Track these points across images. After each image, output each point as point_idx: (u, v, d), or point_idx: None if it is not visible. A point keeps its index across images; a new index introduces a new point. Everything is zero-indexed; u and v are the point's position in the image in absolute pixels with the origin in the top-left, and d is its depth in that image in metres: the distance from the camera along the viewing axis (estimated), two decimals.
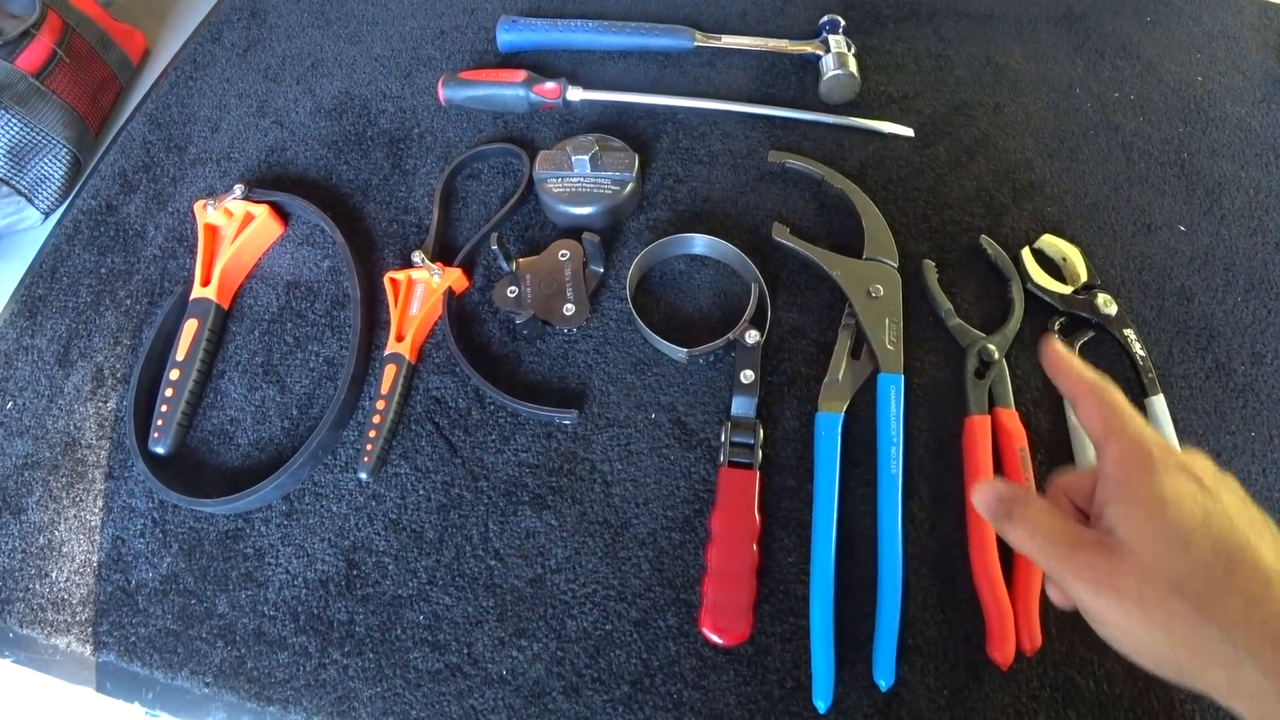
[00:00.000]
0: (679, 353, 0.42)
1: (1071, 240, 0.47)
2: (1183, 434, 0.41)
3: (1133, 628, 0.26)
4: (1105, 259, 0.47)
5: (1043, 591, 0.37)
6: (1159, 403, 0.42)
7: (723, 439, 0.40)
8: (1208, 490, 0.26)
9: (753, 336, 0.42)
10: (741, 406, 0.41)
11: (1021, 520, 0.29)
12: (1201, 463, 0.28)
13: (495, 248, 0.44)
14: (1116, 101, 0.54)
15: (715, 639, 0.36)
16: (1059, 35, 0.58)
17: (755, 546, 0.37)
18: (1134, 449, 0.27)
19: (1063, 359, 0.31)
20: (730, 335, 0.42)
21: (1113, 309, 0.44)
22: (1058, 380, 0.32)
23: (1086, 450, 0.40)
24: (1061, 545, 0.27)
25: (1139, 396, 0.42)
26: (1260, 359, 0.44)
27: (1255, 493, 0.40)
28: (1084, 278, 0.45)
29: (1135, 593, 0.25)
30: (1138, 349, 0.43)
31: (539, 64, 0.56)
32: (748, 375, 0.41)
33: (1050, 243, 0.47)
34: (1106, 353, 0.44)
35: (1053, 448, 0.41)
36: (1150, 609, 0.25)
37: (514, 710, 0.36)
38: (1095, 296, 0.44)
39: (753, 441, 0.40)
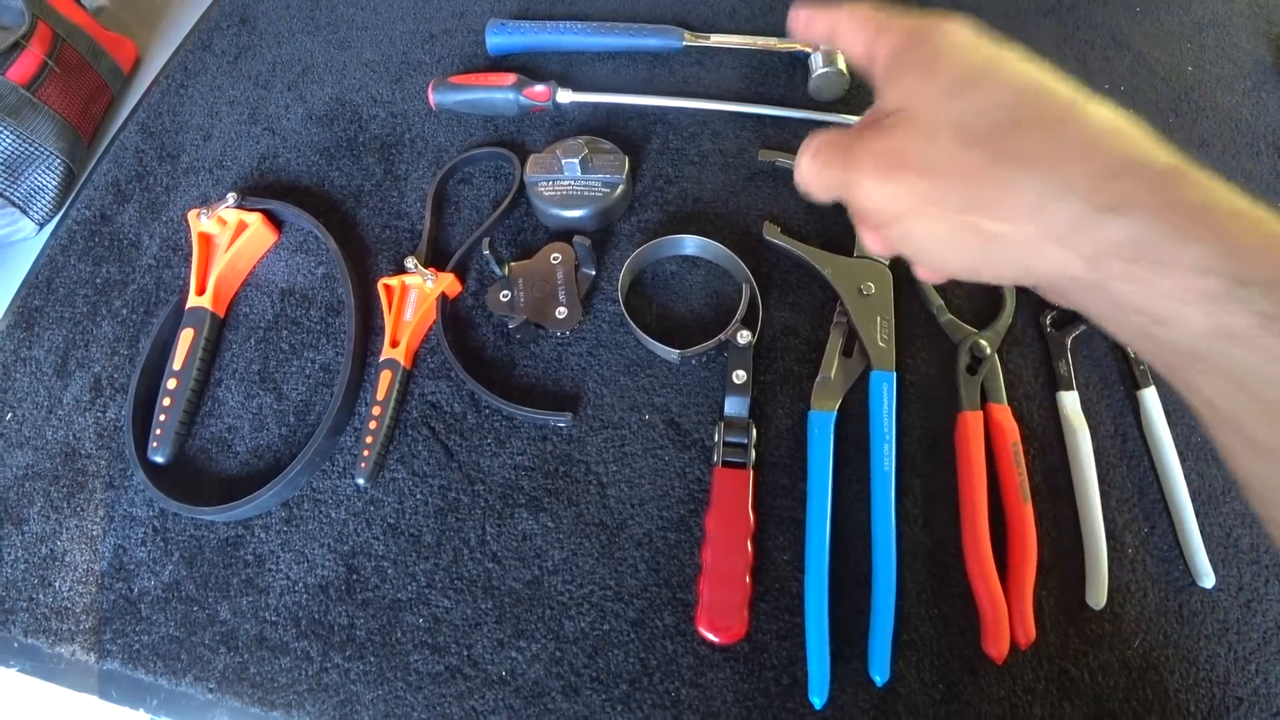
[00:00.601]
0: (671, 354, 0.43)
1: None
2: (1175, 426, 0.41)
3: (927, 206, 0.22)
4: None
5: (1036, 586, 0.37)
6: (1151, 395, 0.42)
7: (716, 439, 0.40)
8: (993, 41, 0.23)
9: (744, 336, 0.42)
10: (734, 406, 0.41)
11: (804, 151, 0.26)
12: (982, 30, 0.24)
13: (487, 252, 0.44)
14: (1106, 92, 0.54)
15: (711, 637, 0.37)
16: (1048, 27, 0.58)
17: (750, 545, 0.38)
18: (902, 29, 0.24)
19: (808, 10, 0.27)
20: (722, 336, 0.42)
21: None
22: (811, 33, 0.28)
23: (1079, 443, 0.40)
24: (841, 149, 0.24)
25: (1131, 389, 0.42)
26: None
27: None
28: None
29: (921, 159, 0.22)
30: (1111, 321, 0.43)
31: (529, 67, 0.56)
32: (740, 375, 0.41)
33: None
34: (1099, 346, 0.44)
35: (1046, 442, 0.41)
36: (940, 172, 0.21)
37: (514, 710, 0.37)
38: None
39: (746, 441, 0.40)
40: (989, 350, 0.42)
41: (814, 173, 0.26)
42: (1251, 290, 0.19)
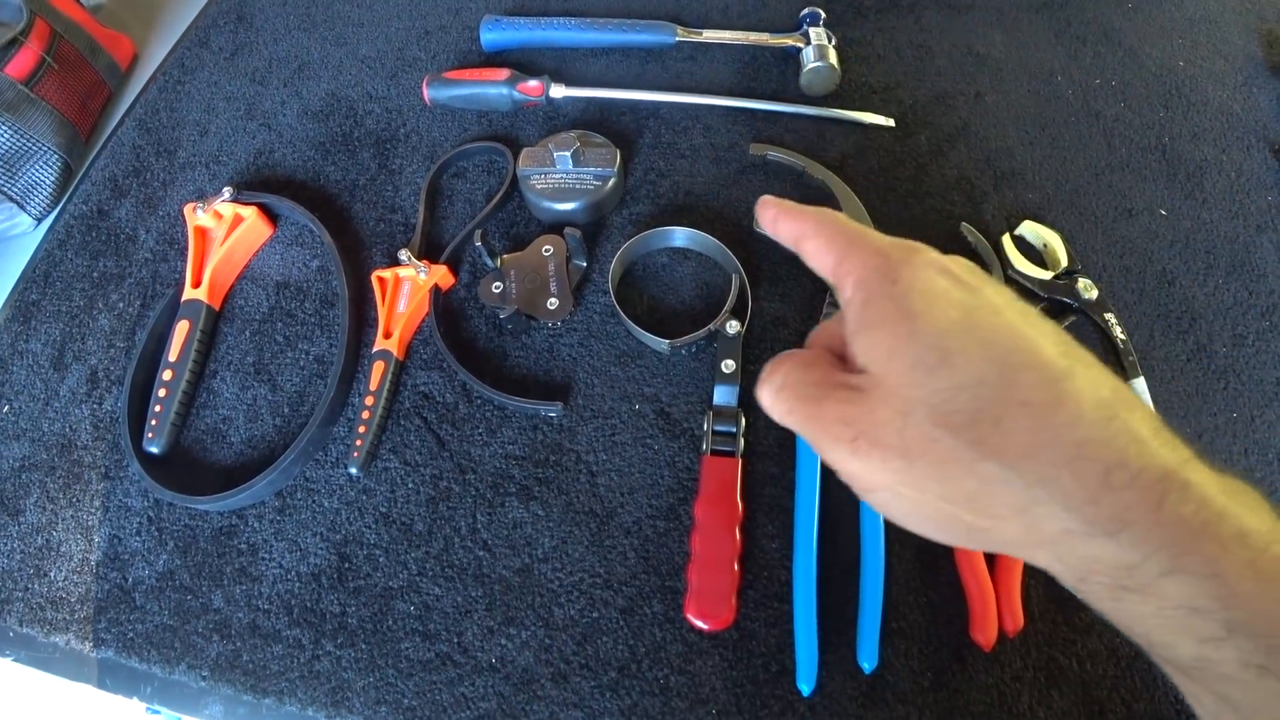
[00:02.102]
0: (661, 344, 0.43)
1: (1052, 226, 0.47)
2: (1164, 416, 0.41)
3: (903, 488, 0.20)
4: (1086, 244, 0.48)
5: (1024, 574, 0.37)
6: (1140, 385, 0.42)
7: (705, 428, 0.41)
8: (966, 285, 0.20)
9: (734, 327, 0.42)
10: (724, 395, 0.41)
11: (766, 381, 0.23)
12: (958, 260, 0.22)
13: (480, 244, 0.45)
14: (1098, 88, 0.55)
15: (700, 625, 0.37)
16: (1040, 23, 0.58)
17: (738, 533, 0.38)
18: (870, 259, 0.21)
19: (776, 207, 0.25)
20: (712, 326, 0.42)
21: (1094, 293, 0.44)
22: (777, 234, 0.25)
23: None
24: (807, 401, 0.22)
25: (1120, 379, 0.43)
26: (1242, 340, 0.45)
27: (1237, 473, 0.40)
28: (1065, 263, 0.46)
29: (896, 439, 0.19)
30: (1119, 333, 0.43)
31: (523, 62, 0.57)
32: (729, 365, 0.41)
33: (1031, 229, 0.47)
34: (1088, 337, 0.44)
35: None
36: (916, 455, 0.19)
37: (504, 697, 0.37)
38: (1076, 281, 0.45)
39: (735, 430, 0.40)
40: None
41: (780, 415, 0.23)
42: (1240, 639, 0.17)
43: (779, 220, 0.25)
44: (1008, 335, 0.19)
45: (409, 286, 0.47)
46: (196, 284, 0.48)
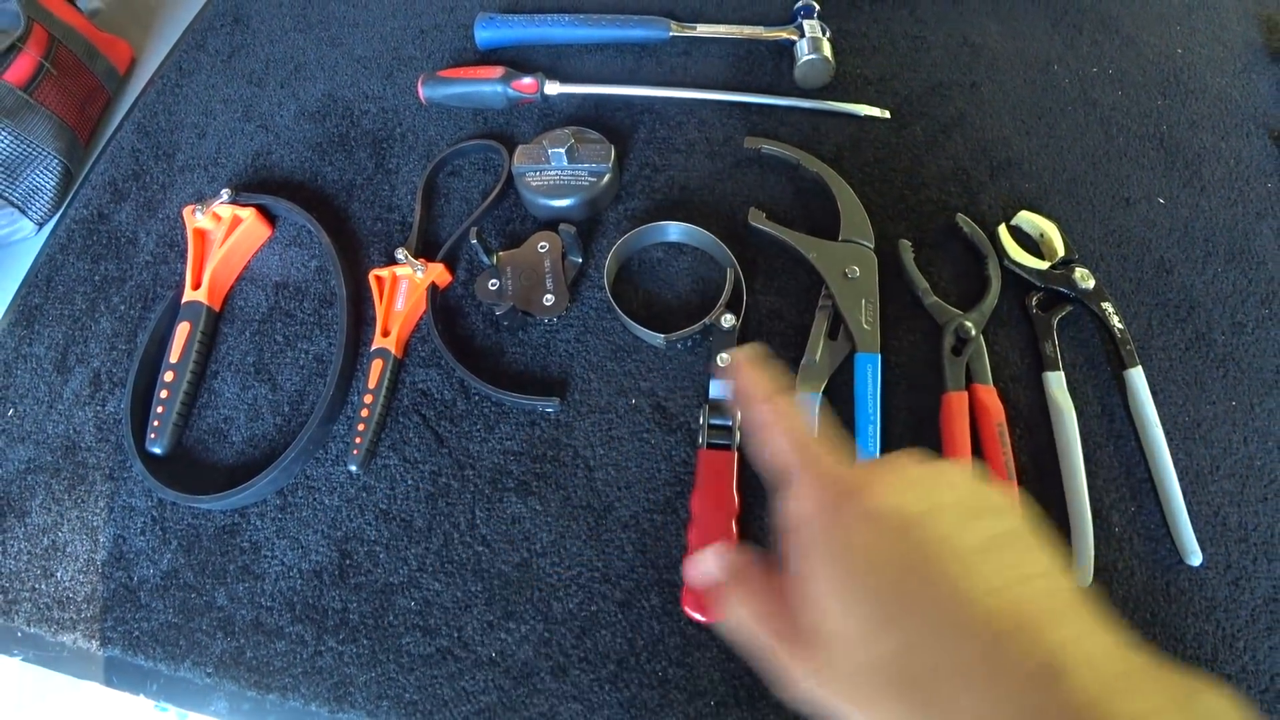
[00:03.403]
0: (657, 339, 0.43)
1: (1049, 216, 0.47)
2: (1162, 405, 0.41)
3: None
4: (1083, 233, 0.48)
5: None
6: (1138, 375, 0.42)
7: (701, 422, 0.41)
8: (903, 527, 0.20)
9: (729, 320, 0.42)
10: (719, 389, 0.41)
11: (727, 607, 0.23)
12: (901, 479, 0.21)
13: (475, 242, 0.45)
14: (1095, 76, 0.54)
15: (698, 617, 0.37)
16: (1036, 12, 0.58)
17: (735, 526, 0.38)
18: (815, 493, 0.21)
19: (747, 369, 0.25)
20: (707, 320, 0.43)
21: (1091, 283, 0.44)
22: (734, 390, 0.25)
23: (1065, 422, 0.40)
24: (764, 643, 0.22)
25: (1118, 369, 0.42)
26: (1241, 328, 0.45)
27: (1237, 461, 0.41)
28: (1061, 252, 0.45)
29: (849, 693, 0.20)
30: (1116, 322, 0.43)
31: (517, 60, 0.57)
32: (724, 358, 0.42)
33: (1027, 219, 0.47)
34: (1085, 326, 0.44)
35: (1031, 422, 0.42)
36: (866, 707, 0.20)
37: (504, 691, 0.37)
38: (1073, 271, 0.45)
39: (731, 423, 0.40)
40: (974, 332, 0.43)
41: (736, 629, 0.23)
42: None
43: (742, 404, 0.25)
44: (946, 597, 0.19)
45: (406, 285, 0.47)
46: (196, 285, 0.48)
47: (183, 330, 0.47)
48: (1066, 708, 0.17)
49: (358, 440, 0.43)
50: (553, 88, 0.53)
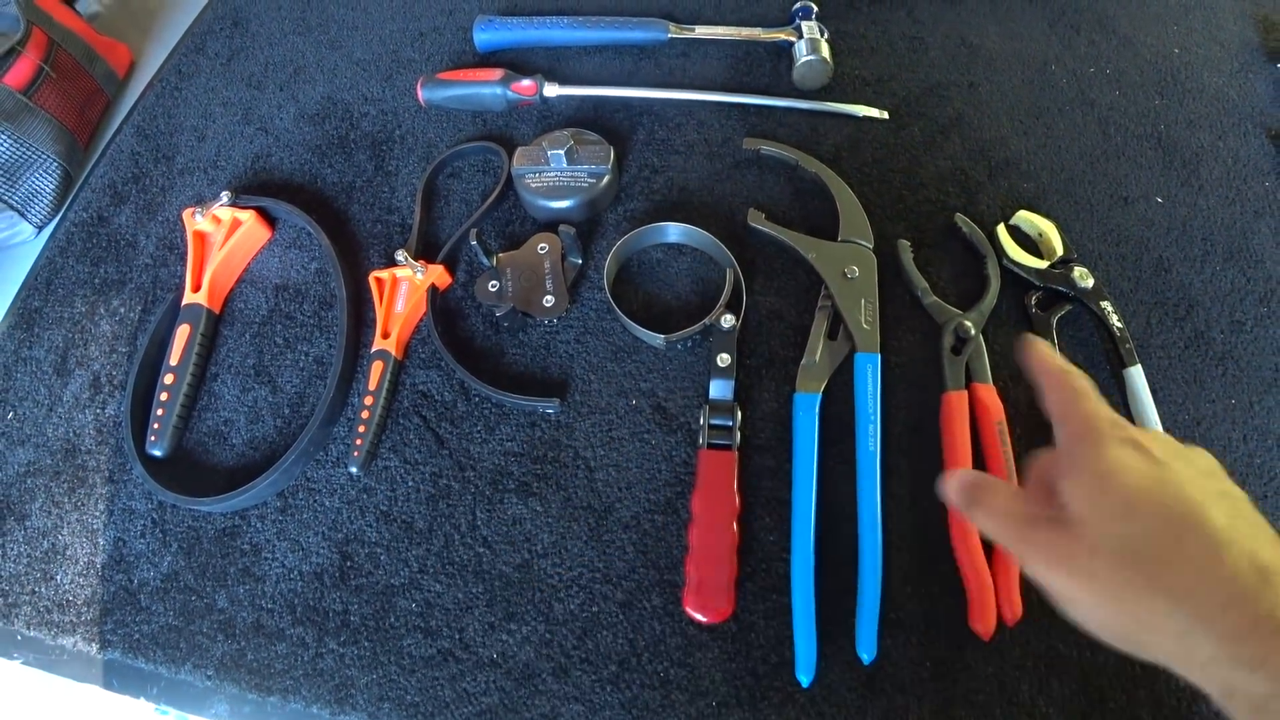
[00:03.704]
0: (657, 339, 0.43)
1: (1048, 215, 0.47)
2: (1162, 404, 0.41)
3: (1088, 602, 0.26)
4: (1082, 233, 0.48)
5: None
6: (1137, 373, 0.42)
7: (702, 422, 0.41)
8: (1156, 460, 0.26)
9: (728, 321, 0.42)
10: (719, 389, 0.42)
11: (983, 504, 0.29)
12: (1157, 437, 0.28)
13: (475, 243, 0.45)
14: (1092, 76, 0.55)
15: (699, 617, 0.37)
16: (1034, 12, 0.58)
17: (735, 526, 0.38)
18: (1084, 425, 0.28)
19: (1039, 349, 0.31)
20: (707, 320, 0.43)
21: (1089, 282, 0.44)
22: (1029, 368, 0.32)
23: None
24: (1019, 525, 0.28)
25: (1117, 368, 0.43)
26: (1240, 326, 0.45)
27: (1236, 459, 0.41)
28: (1060, 252, 0.46)
29: (1086, 565, 0.25)
30: (1115, 320, 0.43)
31: (516, 62, 0.57)
32: (724, 359, 0.42)
33: (1026, 218, 0.47)
34: (1084, 325, 0.44)
35: (1030, 421, 0.42)
36: (1100, 581, 0.25)
37: (505, 692, 0.37)
38: (1072, 270, 0.45)
39: (731, 423, 0.40)
40: (974, 331, 0.43)
41: (993, 532, 0.29)
42: None
43: (1030, 361, 0.31)
44: (1182, 505, 0.25)
45: (406, 286, 0.47)
46: (196, 288, 0.48)
47: (183, 333, 0.47)
48: (1276, 596, 0.23)
49: (358, 442, 0.43)
50: (552, 90, 0.54)
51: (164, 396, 0.45)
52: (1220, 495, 0.26)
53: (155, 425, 0.45)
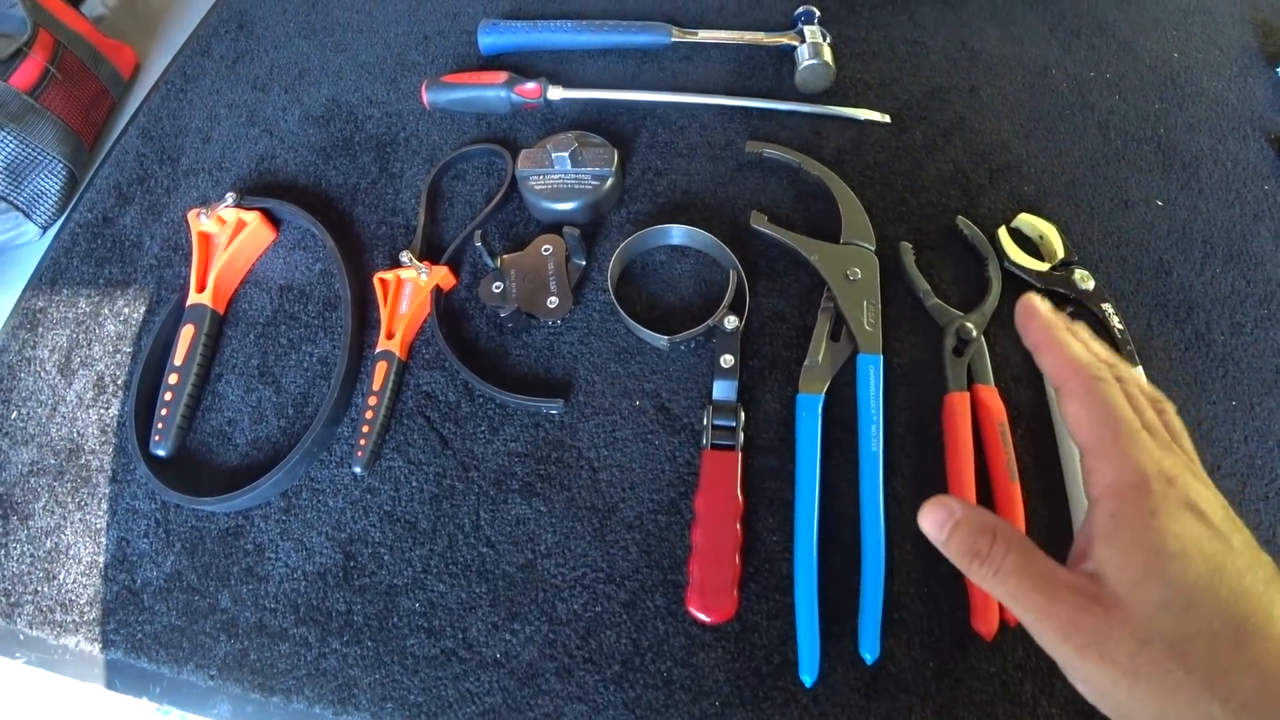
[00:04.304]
0: (661, 340, 0.43)
1: (1048, 218, 0.47)
2: None
3: (1118, 695, 0.22)
4: (1083, 236, 0.48)
5: None
6: (1137, 374, 0.42)
7: (705, 422, 0.41)
8: (1217, 534, 0.22)
9: (732, 322, 0.43)
10: (723, 390, 0.42)
11: (990, 560, 0.24)
12: (1207, 495, 0.23)
13: (480, 245, 0.45)
14: (1093, 80, 0.55)
15: (702, 617, 0.37)
16: (1034, 17, 0.58)
17: (739, 526, 0.38)
18: (1131, 473, 0.23)
19: (1043, 322, 0.26)
20: (710, 322, 0.43)
21: (1090, 284, 0.44)
22: (1033, 346, 0.26)
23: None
24: (1037, 593, 0.23)
25: None
26: (1240, 328, 0.45)
27: (1237, 461, 0.41)
28: (1061, 254, 0.46)
29: (1127, 660, 0.21)
30: (1116, 322, 0.44)
31: (520, 65, 0.57)
32: (728, 360, 0.42)
33: (1027, 221, 0.47)
34: (1085, 327, 0.45)
35: (1032, 423, 0.42)
36: (1144, 679, 0.21)
37: (508, 692, 0.37)
38: (1073, 272, 0.45)
39: (734, 424, 0.40)
40: (975, 333, 0.43)
41: (1001, 595, 0.24)
42: None
43: (1043, 354, 0.26)
44: (1247, 601, 0.21)
45: (410, 288, 0.47)
46: (201, 289, 0.48)
47: (187, 333, 0.47)
48: None
49: (362, 442, 0.43)
50: (555, 92, 0.54)
51: (168, 396, 0.45)
52: (1273, 580, 0.22)
53: (159, 425, 0.45)
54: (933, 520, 0.25)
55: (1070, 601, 0.22)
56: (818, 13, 0.56)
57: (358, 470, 0.43)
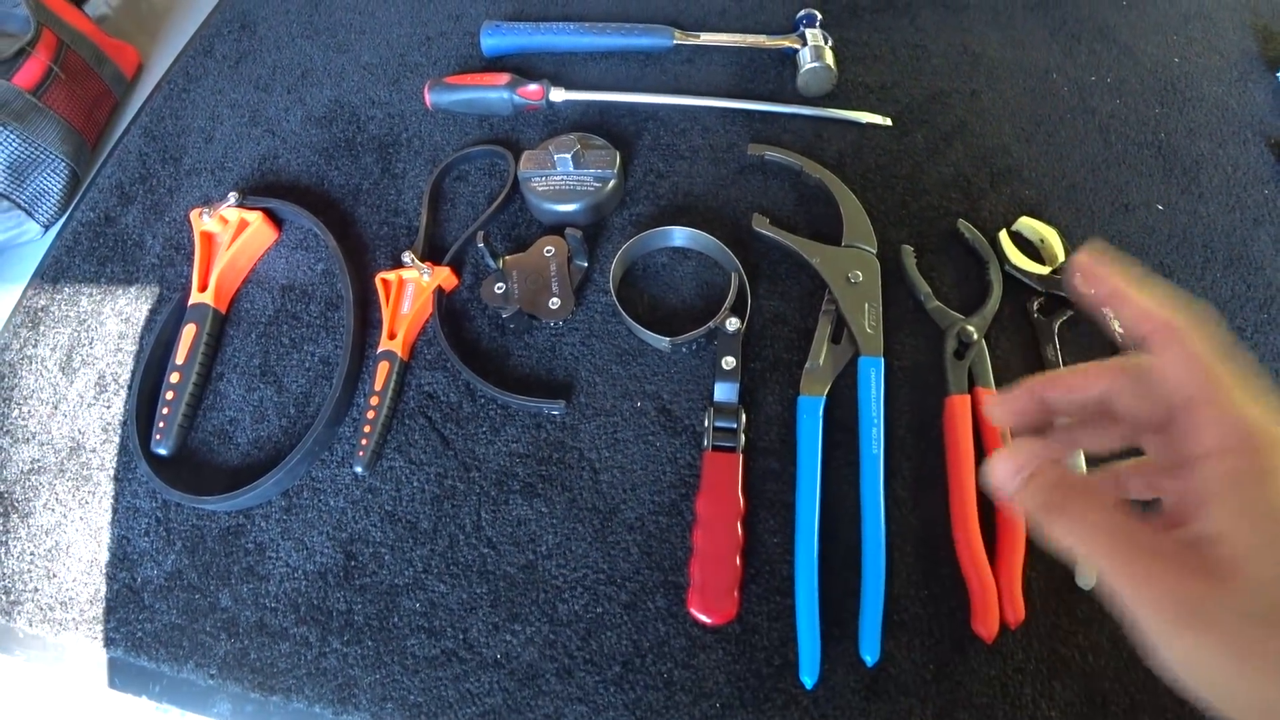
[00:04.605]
0: (662, 342, 0.43)
1: (1049, 222, 0.47)
2: None
3: (1223, 675, 0.19)
4: (1083, 239, 0.48)
5: (1025, 567, 0.37)
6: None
7: (706, 424, 0.41)
8: None
9: (733, 324, 0.43)
10: (724, 392, 0.42)
11: (1071, 512, 0.21)
12: None
13: (482, 246, 0.45)
14: (1093, 84, 0.55)
15: (703, 619, 0.37)
16: (1035, 21, 0.59)
17: (740, 528, 0.38)
18: (1242, 433, 0.20)
19: (1115, 276, 0.22)
20: (712, 324, 0.43)
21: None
22: (1114, 305, 0.23)
23: None
24: (1131, 552, 0.20)
25: None
26: (1240, 333, 0.45)
27: None
28: (1062, 258, 0.46)
29: (1235, 631, 0.19)
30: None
31: (522, 67, 0.57)
32: (729, 361, 0.42)
33: (1028, 225, 0.47)
34: (1085, 331, 0.45)
35: None
36: (1254, 655, 0.18)
37: (509, 692, 0.37)
38: None
39: (735, 426, 0.40)
40: (976, 336, 0.43)
41: (1088, 551, 0.21)
42: None
43: (1122, 307, 0.23)
44: None
45: (412, 288, 0.47)
46: (203, 288, 0.48)
47: (189, 332, 0.47)
48: None
49: (363, 442, 0.43)
50: (558, 94, 0.54)
51: (169, 395, 0.45)
52: None
53: (160, 424, 0.45)
54: (1003, 471, 0.23)
55: (1171, 565, 0.20)
56: (819, 15, 0.56)
57: (359, 470, 0.43)
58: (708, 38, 0.56)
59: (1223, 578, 0.19)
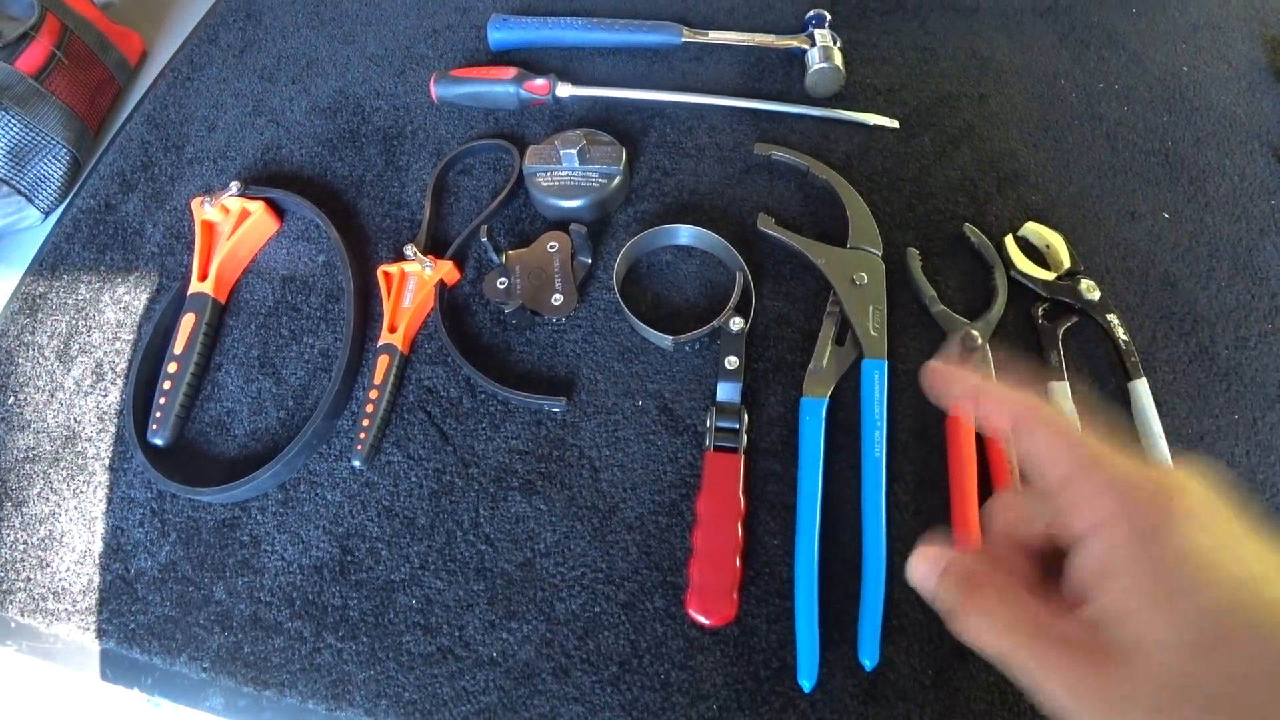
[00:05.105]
0: (665, 340, 0.43)
1: (1055, 228, 0.47)
2: (1166, 418, 0.41)
3: None
4: (1089, 246, 0.48)
5: None
6: (1142, 386, 0.42)
7: (708, 424, 0.41)
8: (1228, 545, 0.18)
9: (737, 324, 0.42)
10: (726, 392, 0.41)
11: (978, 607, 0.21)
12: (1199, 493, 0.19)
13: (485, 240, 0.45)
14: (1101, 91, 0.55)
15: (702, 620, 0.37)
16: (1044, 26, 0.58)
17: (740, 529, 0.38)
18: (1112, 500, 0.19)
19: (964, 378, 0.23)
20: (715, 323, 0.43)
21: (1096, 294, 0.44)
22: (972, 407, 0.23)
23: None
24: (1039, 649, 0.20)
25: (1122, 381, 0.43)
26: (1244, 342, 0.45)
27: (1240, 475, 0.41)
28: (1067, 264, 0.46)
29: (1150, 717, 0.18)
30: (1120, 334, 0.43)
31: (529, 61, 0.57)
32: (732, 361, 0.42)
33: (1034, 230, 0.47)
34: (1090, 337, 0.44)
35: None
36: None
37: (504, 691, 0.37)
38: (1078, 282, 0.45)
39: (737, 426, 0.40)
40: (980, 340, 0.43)
41: (980, 634, 0.21)
42: None
43: (976, 397, 0.23)
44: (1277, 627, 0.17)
45: (414, 281, 0.47)
46: (203, 277, 0.48)
47: (187, 322, 0.47)
48: None
49: (362, 436, 0.42)
50: (564, 90, 0.54)
51: (167, 385, 0.45)
52: None
53: (157, 414, 0.44)
54: (921, 573, 0.23)
55: (1077, 656, 0.19)
56: (828, 16, 0.56)
57: (357, 464, 0.42)
58: (716, 36, 0.56)
59: (1126, 659, 0.18)
